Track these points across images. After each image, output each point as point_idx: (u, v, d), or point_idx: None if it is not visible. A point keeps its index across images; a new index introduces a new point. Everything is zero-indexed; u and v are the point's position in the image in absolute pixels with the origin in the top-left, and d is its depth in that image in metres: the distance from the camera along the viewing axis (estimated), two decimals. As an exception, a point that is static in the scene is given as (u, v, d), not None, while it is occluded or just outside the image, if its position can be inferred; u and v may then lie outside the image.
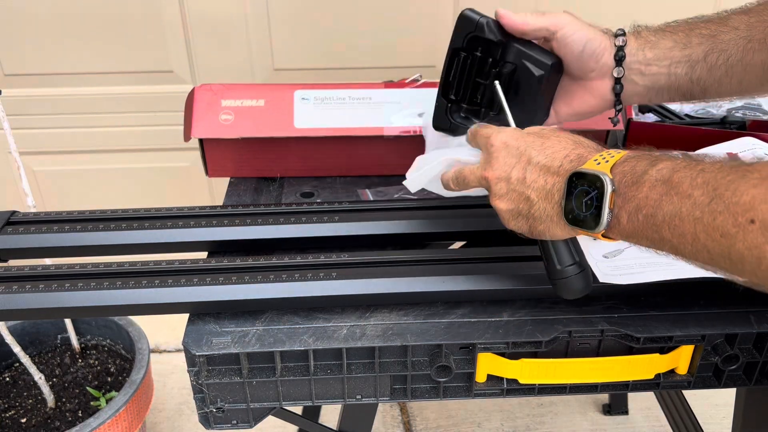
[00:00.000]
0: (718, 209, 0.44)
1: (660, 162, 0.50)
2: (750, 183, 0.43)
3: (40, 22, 1.48)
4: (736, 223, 0.43)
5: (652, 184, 0.49)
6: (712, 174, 0.46)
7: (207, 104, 0.90)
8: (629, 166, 0.52)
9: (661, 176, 0.49)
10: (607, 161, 0.53)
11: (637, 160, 0.52)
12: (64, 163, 1.66)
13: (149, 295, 0.66)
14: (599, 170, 0.52)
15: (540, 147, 0.58)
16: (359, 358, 0.66)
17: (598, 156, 0.54)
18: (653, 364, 0.67)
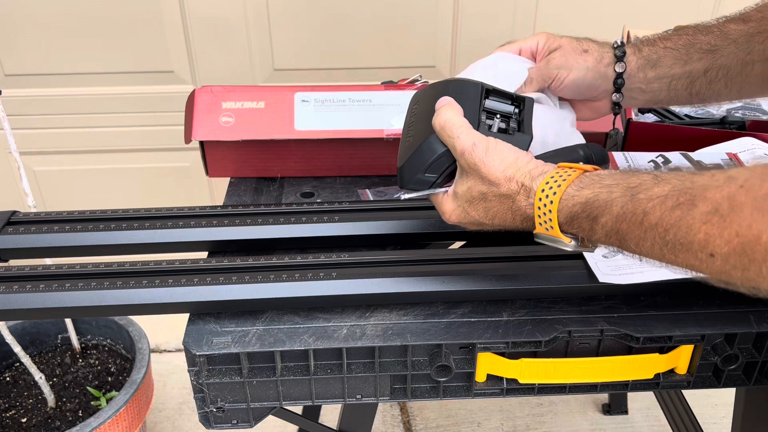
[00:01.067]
0: (676, 248, 0.46)
1: (600, 216, 0.51)
2: (699, 219, 0.44)
3: (40, 22, 1.48)
4: (698, 258, 0.45)
5: (606, 235, 0.51)
6: (657, 215, 0.47)
7: (207, 106, 0.90)
8: (575, 228, 0.54)
9: (609, 229, 0.51)
10: (553, 228, 0.55)
11: (578, 221, 0.53)
12: (64, 163, 1.66)
13: (149, 295, 0.66)
14: (554, 236, 0.55)
15: (486, 216, 0.59)
16: (359, 357, 0.66)
17: (538, 218, 0.55)
18: (653, 364, 0.67)
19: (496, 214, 0.59)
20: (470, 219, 0.60)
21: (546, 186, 0.54)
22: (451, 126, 0.59)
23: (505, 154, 0.58)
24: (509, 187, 0.57)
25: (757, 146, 0.84)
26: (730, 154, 0.77)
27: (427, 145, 0.61)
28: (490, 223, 0.60)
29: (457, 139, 0.59)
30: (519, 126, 0.63)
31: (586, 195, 0.52)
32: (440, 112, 0.61)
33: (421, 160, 0.62)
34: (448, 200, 0.62)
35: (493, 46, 0.78)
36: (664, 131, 0.91)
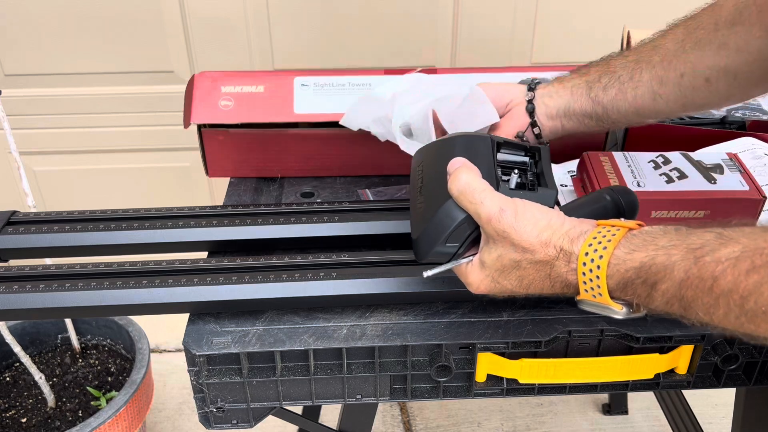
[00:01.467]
0: (758, 317, 0.42)
1: (660, 283, 0.46)
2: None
3: (40, 22, 1.48)
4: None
5: (666, 303, 0.47)
6: (729, 280, 0.42)
7: (206, 91, 0.90)
8: (629, 293, 0.49)
9: (671, 296, 0.46)
10: (602, 294, 0.50)
11: (633, 287, 0.48)
12: (64, 163, 1.66)
13: (149, 295, 0.66)
14: (604, 304, 0.51)
15: (520, 284, 0.54)
16: (359, 357, 0.66)
17: (583, 284, 0.51)
18: (653, 364, 0.67)
19: (531, 282, 0.53)
20: (501, 288, 0.55)
21: (590, 249, 0.49)
22: (471, 191, 0.54)
23: (537, 216, 0.53)
24: (546, 252, 0.51)
25: (757, 146, 0.84)
26: (730, 154, 0.77)
27: (444, 213, 0.55)
28: (524, 292, 0.55)
29: (481, 205, 0.53)
30: (538, 179, 0.58)
31: (639, 258, 0.47)
32: (457, 176, 0.55)
33: (439, 230, 0.56)
34: (474, 270, 0.57)
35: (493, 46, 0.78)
36: (664, 131, 0.91)
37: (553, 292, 0.54)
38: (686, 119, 0.96)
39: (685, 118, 0.95)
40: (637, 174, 0.74)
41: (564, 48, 1.56)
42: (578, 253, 0.50)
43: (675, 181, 0.73)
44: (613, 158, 0.77)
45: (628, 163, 0.76)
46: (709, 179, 0.73)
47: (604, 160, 0.76)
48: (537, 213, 0.53)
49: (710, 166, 0.75)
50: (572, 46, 1.55)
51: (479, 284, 0.56)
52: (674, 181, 0.72)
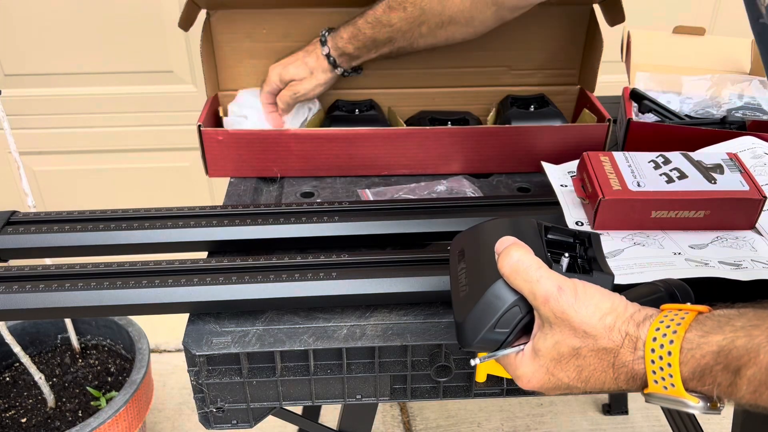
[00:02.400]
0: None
1: (744, 368, 0.42)
2: None
3: (40, 22, 1.48)
4: None
5: (755, 390, 0.42)
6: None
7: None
8: (709, 382, 0.44)
9: (759, 382, 0.41)
10: (674, 385, 0.44)
11: (712, 375, 0.43)
12: (64, 163, 1.66)
13: (149, 295, 0.66)
14: (677, 397, 0.45)
15: (578, 378, 0.49)
16: (359, 358, 0.66)
17: (652, 374, 0.45)
18: (653, 364, 0.67)
19: (591, 374, 0.48)
20: (556, 382, 0.50)
21: (657, 333, 0.45)
22: (526, 268, 0.49)
23: (598, 297, 0.48)
24: (611, 338, 0.46)
25: (757, 146, 0.84)
26: (730, 154, 0.77)
27: (494, 294, 0.50)
28: (582, 386, 0.49)
29: (537, 284, 0.48)
30: (590, 264, 0.54)
31: (717, 341, 0.43)
32: (508, 254, 0.50)
33: (488, 314, 0.50)
34: (526, 361, 0.51)
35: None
36: (664, 131, 0.91)
37: (617, 386, 0.48)
38: (686, 119, 0.96)
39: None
40: (637, 174, 0.74)
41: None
42: (645, 338, 0.45)
43: (675, 181, 0.72)
44: (613, 158, 0.77)
45: (628, 163, 0.76)
46: (710, 179, 0.73)
47: (605, 160, 0.76)
48: (598, 294, 0.48)
49: (710, 166, 0.75)
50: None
51: (531, 377, 0.51)
52: (674, 181, 0.72)
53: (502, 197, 0.86)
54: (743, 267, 0.67)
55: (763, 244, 0.71)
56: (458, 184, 0.91)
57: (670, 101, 0.99)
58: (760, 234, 0.73)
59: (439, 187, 0.91)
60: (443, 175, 0.95)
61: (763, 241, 0.72)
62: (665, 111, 0.95)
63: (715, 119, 0.95)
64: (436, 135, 0.91)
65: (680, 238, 0.72)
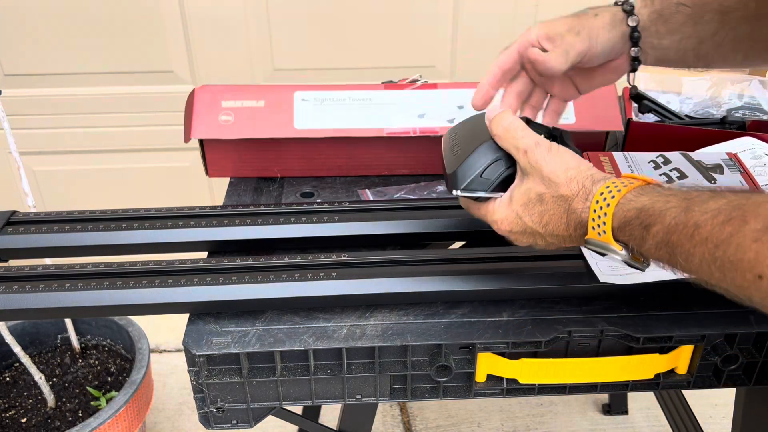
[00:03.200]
0: (725, 266, 0.44)
1: (652, 225, 0.49)
2: (750, 237, 0.42)
3: (40, 22, 1.48)
4: (746, 279, 0.43)
5: (655, 247, 0.49)
6: (707, 230, 0.45)
7: (207, 105, 0.90)
8: (627, 235, 0.52)
9: (660, 239, 0.49)
10: (606, 232, 0.53)
11: (631, 227, 0.51)
12: (64, 163, 1.66)
13: (149, 295, 0.66)
14: (606, 242, 0.53)
15: (539, 222, 0.58)
16: (359, 358, 0.66)
17: (592, 221, 0.54)
18: (653, 364, 0.67)
19: (550, 220, 0.57)
20: (522, 226, 0.59)
21: (605, 189, 0.53)
22: (515, 128, 0.59)
23: (568, 156, 0.57)
24: (569, 187, 0.55)
25: (757, 146, 0.84)
26: (730, 154, 0.77)
27: (483, 150, 0.62)
28: (542, 231, 0.58)
29: (521, 139, 0.58)
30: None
31: (642, 201, 0.51)
32: (501, 117, 0.61)
33: (477, 162, 0.62)
34: (501, 206, 0.60)
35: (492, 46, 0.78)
36: (664, 131, 0.91)
37: (567, 233, 0.56)
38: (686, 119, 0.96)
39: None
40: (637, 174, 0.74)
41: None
42: (595, 192, 0.54)
43: (675, 181, 0.73)
44: (613, 158, 0.77)
45: (628, 163, 0.76)
46: (709, 179, 0.73)
47: (605, 161, 0.76)
48: (568, 155, 0.57)
49: (710, 166, 0.75)
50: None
51: (503, 220, 0.60)
52: (674, 181, 0.72)
53: (502, 197, 0.86)
54: (743, 267, 0.67)
55: (763, 244, 0.71)
56: (458, 184, 0.91)
57: (670, 101, 0.99)
58: (760, 234, 0.73)
59: (439, 187, 0.91)
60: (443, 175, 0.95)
61: (763, 241, 0.72)
62: (665, 111, 0.95)
63: (715, 119, 0.95)
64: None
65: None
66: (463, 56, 1.56)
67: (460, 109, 0.92)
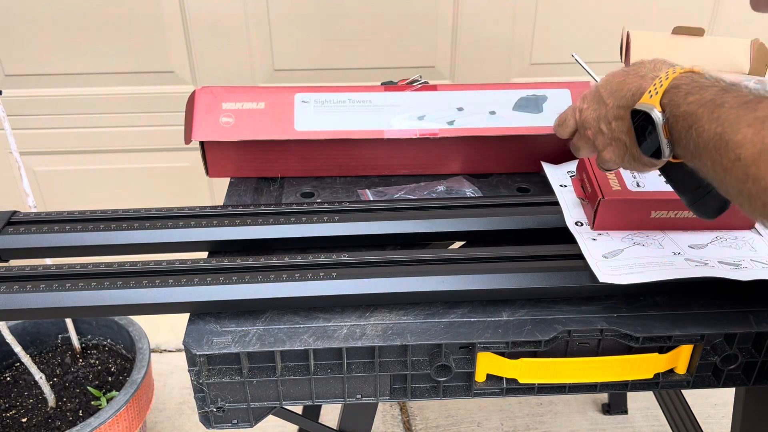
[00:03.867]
0: (721, 145, 0.47)
1: (690, 95, 0.53)
2: (746, 121, 0.45)
3: (40, 22, 1.48)
4: (730, 159, 0.46)
5: (684, 115, 0.53)
6: (725, 110, 0.48)
7: (207, 107, 0.90)
8: (671, 95, 0.55)
9: (691, 110, 0.52)
10: (657, 93, 0.56)
11: (676, 91, 0.55)
12: (64, 163, 1.66)
13: (149, 295, 0.67)
14: (649, 104, 0.56)
15: (617, 88, 0.62)
16: (359, 357, 0.66)
17: (651, 87, 0.58)
18: (652, 364, 0.67)
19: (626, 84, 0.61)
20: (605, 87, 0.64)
21: (669, 71, 0.57)
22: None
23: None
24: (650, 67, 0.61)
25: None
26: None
27: None
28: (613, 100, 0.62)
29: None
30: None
31: (697, 77, 0.55)
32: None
33: None
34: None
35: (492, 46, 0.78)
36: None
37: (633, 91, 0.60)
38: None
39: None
40: (637, 174, 0.75)
41: (564, 48, 1.56)
42: (662, 72, 0.58)
43: (674, 181, 0.72)
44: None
45: (627, 163, 0.76)
46: (709, 179, 0.73)
47: (604, 160, 0.76)
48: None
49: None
50: (572, 46, 1.55)
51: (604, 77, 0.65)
52: (674, 181, 0.72)
53: (502, 197, 0.86)
54: (743, 267, 0.67)
55: (763, 244, 0.71)
56: (458, 184, 0.92)
57: (670, 101, 0.99)
58: (760, 234, 0.73)
59: (439, 187, 0.91)
60: (443, 175, 0.95)
61: (763, 241, 0.72)
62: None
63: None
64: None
65: (680, 238, 0.72)
66: (463, 57, 1.56)
67: (459, 111, 0.92)
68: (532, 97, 0.93)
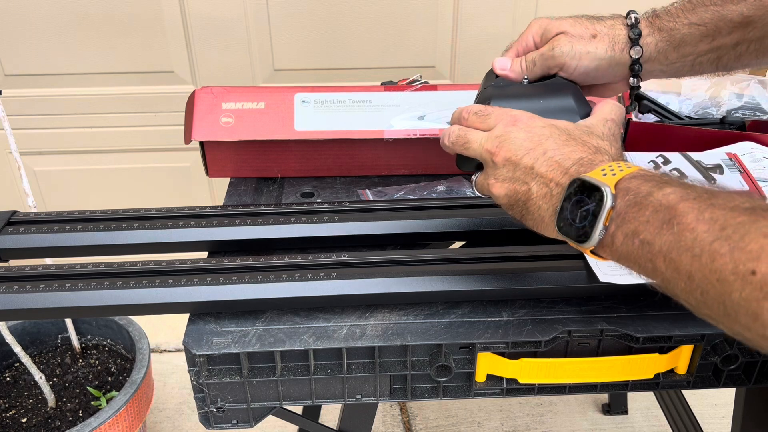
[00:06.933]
0: (720, 250, 0.40)
1: (668, 186, 0.45)
2: (762, 231, 0.39)
3: (40, 22, 1.48)
4: (736, 271, 0.39)
5: (656, 208, 0.45)
6: (722, 211, 0.41)
7: (207, 107, 0.90)
8: (635, 183, 0.48)
9: (667, 202, 0.44)
10: (615, 174, 0.49)
11: (646, 180, 0.48)
12: (64, 163, 1.66)
13: (149, 295, 0.67)
14: (603, 181, 0.48)
15: (562, 142, 0.54)
16: (359, 357, 0.66)
17: (607, 166, 0.50)
18: (653, 364, 0.67)
19: (572, 146, 0.54)
20: (544, 131, 0.55)
21: (629, 164, 0.51)
22: None
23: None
24: (608, 128, 0.57)
25: (756, 150, 0.84)
26: (729, 154, 0.77)
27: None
28: (553, 149, 0.53)
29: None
30: None
31: (669, 175, 0.48)
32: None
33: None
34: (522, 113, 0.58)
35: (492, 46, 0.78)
36: (664, 131, 0.91)
37: (564, 166, 0.53)
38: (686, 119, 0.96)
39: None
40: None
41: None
42: (618, 156, 0.53)
43: (675, 181, 0.72)
44: (612, 158, 0.77)
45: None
46: (709, 179, 0.73)
47: (604, 160, 0.76)
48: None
49: (710, 167, 0.75)
50: (572, 46, 1.55)
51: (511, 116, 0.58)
52: (674, 182, 0.72)
53: (501, 197, 0.86)
54: (743, 267, 0.67)
55: (763, 244, 0.71)
56: (458, 184, 0.92)
57: (670, 101, 0.99)
58: (760, 234, 0.73)
59: (439, 187, 0.91)
60: (443, 175, 0.95)
61: (763, 241, 0.72)
62: (665, 111, 0.95)
63: (715, 119, 0.95)
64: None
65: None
66: (463, 57, 1.56)
67: (460, 110, 0.92)
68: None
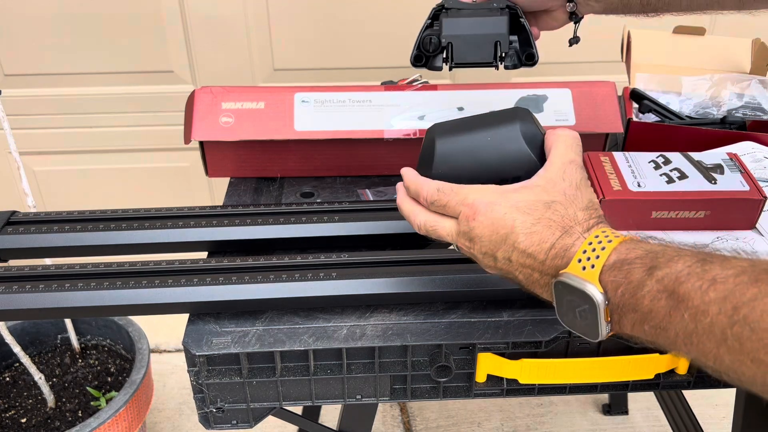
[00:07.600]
0: (744, 334, 0.38)
1: (658, 269, 0.43)
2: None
3: (40, 22, 1.48)
4: (764, 343, 0.37)
5: (654, 296, 0.43)
6: (727, 286, 0.39)
7: (207, 106, 0.90)
8: (622, 275, 0.45)
9: (663, 287, 0.42)
10: (593, 265, 0.46)
11: (630, 266, 0.45)
12: (64, 163, 1.66)
13: (149, 295, 0.66)
14: (585, 279, 0.46)
15: (528, 230, 0.50)
16: (359, 358, 0.66)
17: (581, 252, 0.47)
18: (653, 364, 0.67)
19: (539, 231, 0.50)
20: (506, 221, 0.51)
21: (609, 229, 0.49)
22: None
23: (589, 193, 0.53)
24: (568, 180, 0.52)
25: (757, 150, 0.84)
26: (730, 154, 0.77)
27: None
28: (522, 241, 0.50)
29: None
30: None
31: (651, 245, 0.46)
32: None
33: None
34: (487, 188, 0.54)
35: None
36: (664, 131, 0.91)
37: (542, 256, 0.49)
38: (686, 119, 0.96)
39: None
40: (638, 174, 0.74)
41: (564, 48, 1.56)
42: (598, 229, 0.49)
43: (675, 181, 0.72)
44: (613, 158, 0.77)
45: (628, 163, 0.76)
46: (710, 179, 0.73)
47: (605, 160, 0.76)
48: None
49: (711, 166, 0.75)
50: (572, 46, 1.55)
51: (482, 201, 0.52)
52: (675, 182, 0.72)
53: (502, 197, 0.86)
54: (743, 267, 0.67)
55: (764, 244, 0.71)
56: (458, 184, 0.91)
57: (670, 101, 0.99)
58: (761, 234, 0.73)
59: (439, 187, 0.91)
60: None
61: (764, 241, 0.72)
62: (665, 111, 0.95)
63: (715, 119, 0.95)
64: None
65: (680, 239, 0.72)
66: (463, 56, 1.56)
67: (460, 111, 0.92)
68: (532, 96, 0.93)
